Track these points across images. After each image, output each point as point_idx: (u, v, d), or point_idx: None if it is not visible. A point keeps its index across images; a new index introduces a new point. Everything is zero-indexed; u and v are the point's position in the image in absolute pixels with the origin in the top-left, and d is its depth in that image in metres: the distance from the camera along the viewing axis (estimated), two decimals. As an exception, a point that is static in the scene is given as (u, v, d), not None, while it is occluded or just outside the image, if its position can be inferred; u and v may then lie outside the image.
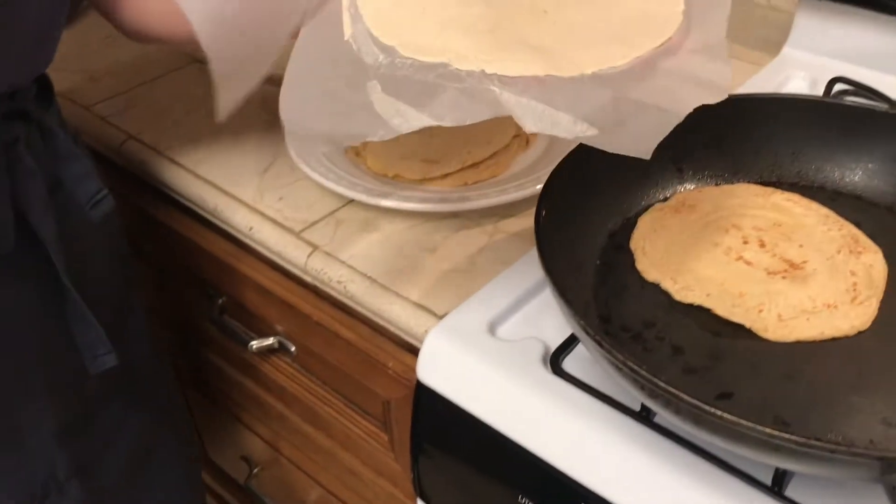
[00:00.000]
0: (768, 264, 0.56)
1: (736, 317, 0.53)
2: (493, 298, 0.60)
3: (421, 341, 0.59)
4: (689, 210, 0.61)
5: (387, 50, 0.47)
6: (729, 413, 0.41)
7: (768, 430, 0.39)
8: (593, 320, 0.54)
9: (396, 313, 0.63)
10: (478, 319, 0.59)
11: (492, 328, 0.59)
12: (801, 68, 0.84)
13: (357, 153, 0.76)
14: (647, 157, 0.46)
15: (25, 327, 0.64)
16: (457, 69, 0.45)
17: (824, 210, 0.60)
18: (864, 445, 0.45)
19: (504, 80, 0.45)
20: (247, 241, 0.74)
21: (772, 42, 0.91)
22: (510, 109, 0.45)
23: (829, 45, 0.84)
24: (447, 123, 0.45)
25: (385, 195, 0.69)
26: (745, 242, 0.57)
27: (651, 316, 0.54)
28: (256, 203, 0.74)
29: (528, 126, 0.45)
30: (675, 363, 0.51)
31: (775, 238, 0.57)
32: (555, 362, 0.55)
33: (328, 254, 0.68)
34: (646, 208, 0.62)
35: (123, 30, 0.62)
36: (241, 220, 0.73)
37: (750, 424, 0.40)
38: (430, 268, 0.66)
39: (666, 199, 0.63)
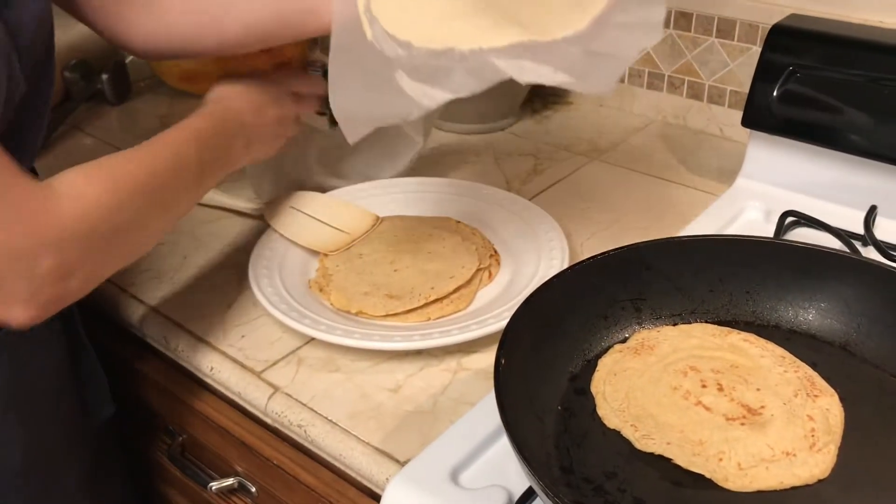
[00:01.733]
0: (727, 410, 0.56)
1: (696, 467, 0.52)
2: (456, 443, 0.60)
3: (382, 489, 0.58)
4: (648, 351, 0.61)
5: (403, 45, 0.57)
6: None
7: None
8: (555, 472, 0.53)
9: (357, 459, 0.62)
10: (440, 466, 0.58)
11: (454, 475, 0.58)
12: (754, 199, 0.87)
13: (321, 289, 0.76)
14: (610, 93, 0.61)
15: (50, 383, 0.69)
16: (460, 51, 0.56)
17: (780, 350, 0.60)
18: None
19: (498, 51, 0.56)
20: (208, 380, 0.73)
21: (727, 172, 0.95)
22: (506, 70, 0.56)
23: (780, 177, 0.87)
24: (464, 94, 0.57)
25: (347, 334, 0.69)
26: (704, 386, 0.58)
27: (613, 466, 0.54)
28: (218, 342, 0.73)
29: (522, 79, 0.56)
30: (638, 518, 0.50)
31: (733, 381, 0.58)
32: (518, 513, 0.54)
33: (289, 395, 0.67)
34: (606, 349, 0.63)
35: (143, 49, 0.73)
36: (202, 361, 0.72)
37: None
38: (393, 409, 0.65)
39: (625, 340, 0.63)
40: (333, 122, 1.08)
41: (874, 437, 0.55)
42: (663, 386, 0.58)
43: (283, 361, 0.70)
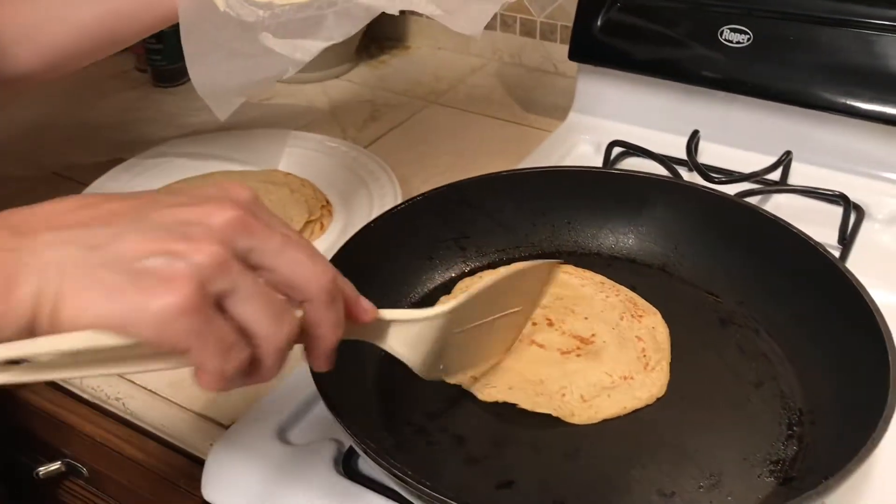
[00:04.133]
0: (560, 344, 0.55)
1: (541, 407, 0.52)
2: (283, 400, 0.57)
3: (207, 456, 0.56)
4: None
5: (264, 6, 0.54)
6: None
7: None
8: (376, 419, 0.52)
9: (179, 428, 0.59)
10: (266, 425, 0.56)
11: (282, 433, 0.56)
12: (585, 132, 0.87)
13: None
14: (478, 35, 0.57)
15: None
16: None
17: (599, 277, 0.61)
18: (642, 520, 0.45)
19: None
20: (19, 360, 0.67)
21: (561, 108, 0.95)
22: (378, 5, 0.54)
23: (610, 109, 0.88)
24: (338, 39, 0.55)
25: (166, 299, 0.65)
26: (534, 324, 0.57)
27: (435, 407, 0.53)
28: (28, 318, 0.68)
29: (394, 8, 0.55)
30: (457, 455, 0.49)
31: (561, 314, 0.58)
32: (347, 464, 0.53)
33: (105, 369, 0.63)
34: (432, 291, 0.61)
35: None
36: (9, 340, 0.67)
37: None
38: (218, 372, 0.62)
39: (451, 280, 0.62)
40: (159, 80, 1.03)
41: (695, 352, 0.57)
42: None
43: (100, 333, 0.66)
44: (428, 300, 0.61)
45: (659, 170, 0.79)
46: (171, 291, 0.32)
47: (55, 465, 0.71)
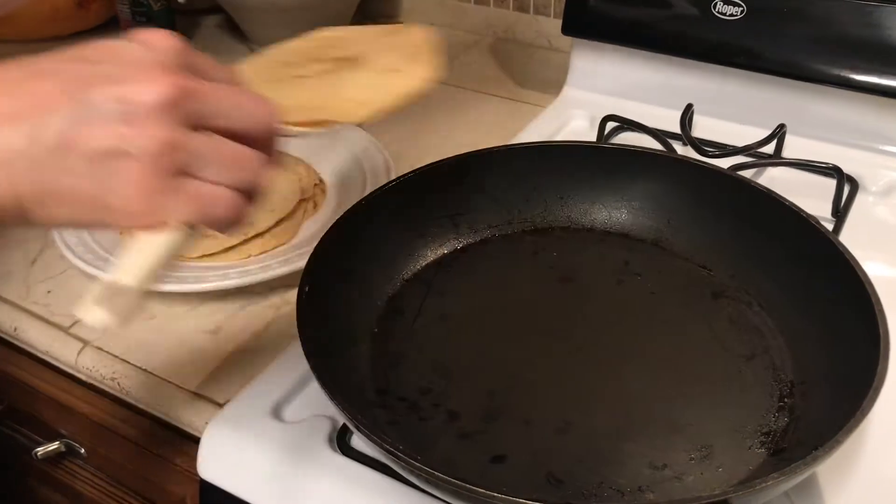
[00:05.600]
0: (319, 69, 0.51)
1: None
2: (278, 378, 0.58)
3: (202, 434, 0.56)
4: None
5: None
6: (498, 479, 0.40)
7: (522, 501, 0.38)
8: (370, 395, 0.52)
9: (175, 406, 0.59)
10: (261, 403, 0.56)
11: (276, 411, 0.56)
12: (580, 107, 0.87)
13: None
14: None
15: None
16: None
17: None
18: (634, 493, 0.45)
19: None
20: (14, 342, 0.68)
21: (556, 83, 0.94)
22: None
23: (604, 83, 0.87)
24: None
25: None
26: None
27: (428, 382, 0.53)
28: (22, 299, 0.68)
29: None
30: (450, 430, 0.49)
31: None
32: (341, 441, 0.53)
33: (100, 349, 0.63)
34: (424, 267, 0.61)
35: None
36: (4, 321, 0.67)
37: (511, 499, 0.39)
38: (213, 351, 0.62)
39: (444, 257, 0.62)
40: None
41: (687, 325, 0.57)
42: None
43: (94, 314, 0.66)
44: (420, 277, 0.61)
45: (653, 144, 0.79)
46: (128, 184, 0.34)
47: (54, 445, 0.72)
